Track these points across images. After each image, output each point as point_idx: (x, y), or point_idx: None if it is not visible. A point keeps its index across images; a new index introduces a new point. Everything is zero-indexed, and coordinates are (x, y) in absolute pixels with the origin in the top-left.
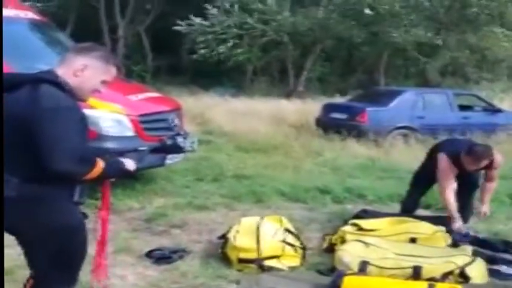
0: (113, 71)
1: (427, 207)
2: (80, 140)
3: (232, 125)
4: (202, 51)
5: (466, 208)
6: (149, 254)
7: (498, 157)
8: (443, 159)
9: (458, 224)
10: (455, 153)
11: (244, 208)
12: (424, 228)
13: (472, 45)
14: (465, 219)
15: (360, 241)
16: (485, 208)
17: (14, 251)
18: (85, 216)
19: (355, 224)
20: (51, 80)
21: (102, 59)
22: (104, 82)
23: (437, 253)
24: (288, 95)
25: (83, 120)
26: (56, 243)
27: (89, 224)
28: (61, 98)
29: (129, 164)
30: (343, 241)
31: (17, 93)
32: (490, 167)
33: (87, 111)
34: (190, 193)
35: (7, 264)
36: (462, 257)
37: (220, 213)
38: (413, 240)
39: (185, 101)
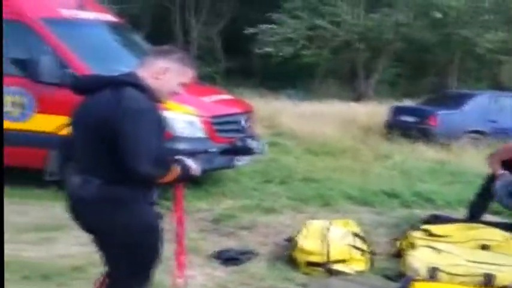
0: (190, 73)
1: (497, 213)
2: (159, 142)
3: (301, 128)
4: (268, 49)
5: None
6: (217, 255)
7: None
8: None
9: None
10: None
11: (312, 211)
12: (496, 235)
13: None
14: None
15: (429, 247)
16: None
17: (87, 248)
18: (160, 216)
19: (424, 230)
20: (133, 82)
21: (180, 62)
22: (182, 84)
23: (511, 261)
24: (357, 97)
25: (162, 122)
26: (133, 243)
27: (163, 225)
28: (143, 100)
29: (194, 168)
30: (412, 246)
31: (99, 95)
32: None
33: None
34: (258, 195)
35: (80, 261)
36: None
37: (288, 215)
38: (485, 247)
39: (255, 103)
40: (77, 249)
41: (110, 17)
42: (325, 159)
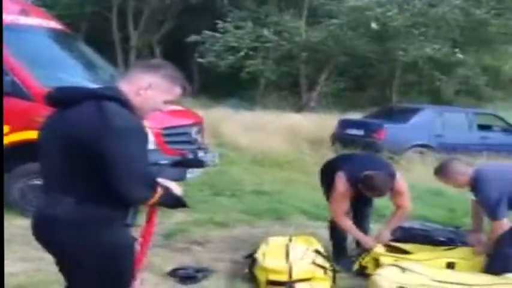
0: (177, 91)
1: None
2: (147, 162)
3: (245, 138)
4: (211, 58)
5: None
6: (173, 273)
7: (399, 184)
8: (340, 180)
9: (369, 242)
10: (354, 177)
11: (265, 225)
12: (463, 253)
13: (486, 64)
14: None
15: (396, 266)
16: (384, 235)
17: (29, 265)
18: (135, 239)
19: (386, 245)
20: (115, 96)
21: (167, 78)
22: (166, 102)
23: (479, 280)
24: (300, 109)
25: (147, 139)
26: (106, 266)
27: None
28: (129, 117)
29: (176, 188)
30: (376, 264)
31: (78, 109)
32: (392, 193)
33: None
34: (209, 208)
35: (24, 280)
36: (506, 286)
37: (242, 230)
38: (450, 265)
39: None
40: (19, 266)
41: (54, 24)
42: (272, 171)
